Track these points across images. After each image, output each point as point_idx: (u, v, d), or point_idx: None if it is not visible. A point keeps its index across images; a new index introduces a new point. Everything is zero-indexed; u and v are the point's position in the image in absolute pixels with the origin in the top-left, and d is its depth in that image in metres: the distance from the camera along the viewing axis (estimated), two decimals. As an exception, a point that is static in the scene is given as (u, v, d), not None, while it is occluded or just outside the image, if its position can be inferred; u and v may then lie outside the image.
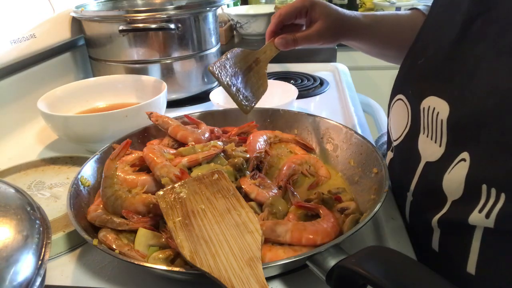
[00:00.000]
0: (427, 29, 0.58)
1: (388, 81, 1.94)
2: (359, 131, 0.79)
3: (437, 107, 0.50)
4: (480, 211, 0.43)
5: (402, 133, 0.58)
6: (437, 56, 0.53)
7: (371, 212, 0.48)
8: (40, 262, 0.36)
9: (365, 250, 0.41)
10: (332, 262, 0.41)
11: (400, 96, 0.59)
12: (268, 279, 0.44)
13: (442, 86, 0.50)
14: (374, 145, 0.62)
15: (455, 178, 0.46)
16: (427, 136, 0.52)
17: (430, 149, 0.51)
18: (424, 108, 0.52)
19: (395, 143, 0.60)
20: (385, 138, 0.87)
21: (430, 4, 0.72)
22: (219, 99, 0.93)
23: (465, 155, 0.45)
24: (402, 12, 0.76)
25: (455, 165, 0.46)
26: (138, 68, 1.01)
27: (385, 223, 0.57)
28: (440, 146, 0.49)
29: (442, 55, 0.52)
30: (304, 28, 0.71)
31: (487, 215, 0.42)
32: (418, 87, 0.54)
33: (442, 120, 0.48)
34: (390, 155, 0.64)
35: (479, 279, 0.45)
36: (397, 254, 0.40)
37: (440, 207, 0.49)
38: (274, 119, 0.77)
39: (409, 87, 0.57)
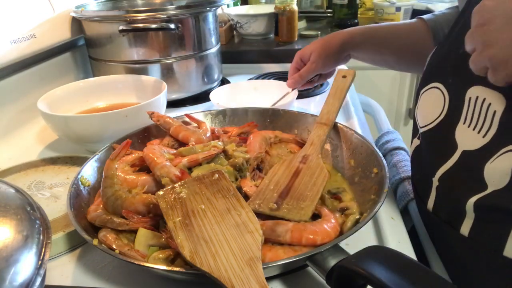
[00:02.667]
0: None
1: (388, 81, 1.95)
2: (359, 131, 0.79)
3: (488, 98, 0.47)
4: None
5: (434, 121, 0.56)
6: None
7: (371, 212, 0.48)
8: (40, 262, 0.36)
9: (365, 250, 0.41)
10: (332, 262, 0.41)
11: (435, 84, 0.56)
12: (268, 279, 0.44)
13: None
14: (374, 145, 0.62)
15: (499, 167, 0.45)
16: (468, 126, 0.50)
17: (470, 138, 0.49)
18: (470, 98, 0.50)
19: (422, 130, 0.59)
20: (385, 138, 0.87)
21: (435, 11, 0.76)
22: (219, 99, 0.93)
23: None
24: (401, 21, 0.89)
25: (499, 155, 0.45)
26: (138, 68, 1.01)
27: (385, 223, 0.57)
28: (483, 137, 0.47)
29: None
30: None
31: None
32: (462, 77, 0.51)
33: (495, 112, 0.46)
34: (416, 142, 0.62)
35: None
36: (397, 254, 0.40)
37: (478, 191, 0.48)
38: (274, 119, 0.77)
39: (449, 75, 0.54)
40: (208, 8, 1.02)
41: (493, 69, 0.41)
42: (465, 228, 0.51)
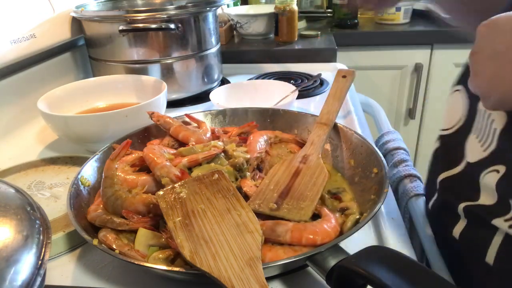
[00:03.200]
0: None
1: (388, 81, 1.95)
2: (359, 131, 0.79)
3: (492, 114, 0.47)
4: (506, 221, 0.44)
5: (454, 126, 0.55)
6: None
7: (371, 212, 0.48)
8: (40, 262, 0.36)
9: (365, 250, 0.41)
10: (332, 262, 0.41)
11: (459, 87, 0.55)
12: (268, 279, 0.44)
13: None
14: (374, 145, 0.62)
15: (487, 183, 0.46)
16: (477, 137, 0.50)
17: (474, 150, 0.50)
18: (481, 110, 0.49)
19: (442, 133, 0.58)
20: (385, 138, 0.87)
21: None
22: (219, 99, 0.93)
23: (500, 167, 0.45)
24: None
25: (487, 173, 0.46)
26: (138, 68, 1.01)
27: (385, 223, 0.57)
28: (484, 151, 0.48)
29: None
30: None
31: (511, 226, 0.43)
32: None
33: (495, 129, 0.46)
34: (437, 144, 0.62)
35: (496, 270, 0.47)
36: (397, 254, 0.40)
37: (470, 200, 0.49)
38: (274, 119, 0.77)
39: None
40: (208, 8, 1.02)
41: (481, 97, 0.41)
42: (457, 230, 0.52)
